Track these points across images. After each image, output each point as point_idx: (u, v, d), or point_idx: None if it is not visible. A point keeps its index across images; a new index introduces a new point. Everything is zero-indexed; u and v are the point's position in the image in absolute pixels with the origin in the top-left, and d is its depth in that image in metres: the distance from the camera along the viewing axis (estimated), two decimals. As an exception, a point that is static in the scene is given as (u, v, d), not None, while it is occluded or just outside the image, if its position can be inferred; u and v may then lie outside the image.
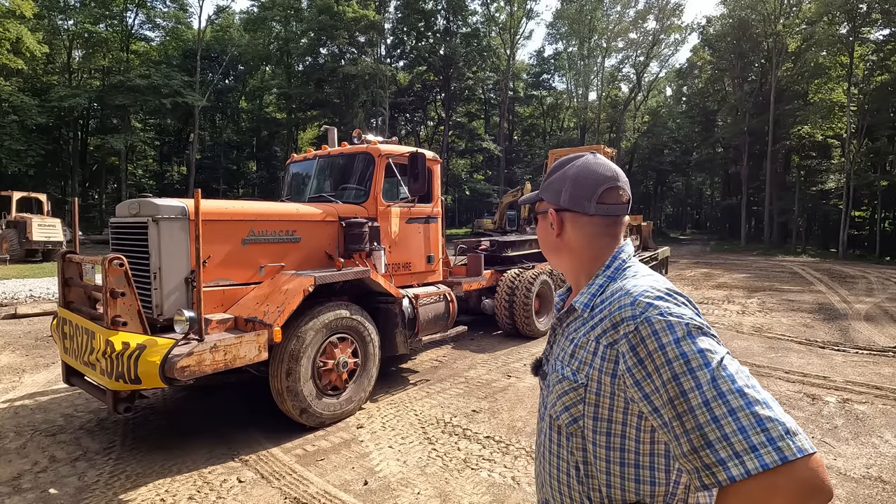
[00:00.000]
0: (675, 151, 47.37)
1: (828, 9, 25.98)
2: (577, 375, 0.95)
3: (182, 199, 3.92)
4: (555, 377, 1.01)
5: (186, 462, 3.52)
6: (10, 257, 16.71)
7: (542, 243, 1.15)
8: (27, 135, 26.91)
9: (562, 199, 1.05)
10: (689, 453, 0.75)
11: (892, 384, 5.18)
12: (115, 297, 3.27)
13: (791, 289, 12.66)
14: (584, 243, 1.05)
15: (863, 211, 32.74)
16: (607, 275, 1.02)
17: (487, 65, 40.94)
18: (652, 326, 0.82)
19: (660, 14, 41.30)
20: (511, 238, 8.56)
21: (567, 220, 1.06)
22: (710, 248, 32.43)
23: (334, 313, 4.14)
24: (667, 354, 0.79)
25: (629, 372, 0.84)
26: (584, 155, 1.08)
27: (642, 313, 0.84)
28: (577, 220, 1.05)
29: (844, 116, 26.98)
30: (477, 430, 4.09)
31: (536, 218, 1.15)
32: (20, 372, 5.60)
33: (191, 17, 38.08)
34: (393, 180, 5.28)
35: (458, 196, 42.23)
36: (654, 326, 0.82)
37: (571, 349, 0.99)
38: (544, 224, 1.11)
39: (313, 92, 35.72)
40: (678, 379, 0.77)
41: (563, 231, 1.07)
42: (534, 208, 1.08)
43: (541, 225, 1.13)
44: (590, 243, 1.05)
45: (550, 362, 1.08)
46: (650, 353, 0.81)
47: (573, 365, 0.97)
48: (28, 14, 25.15)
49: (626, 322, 0.86)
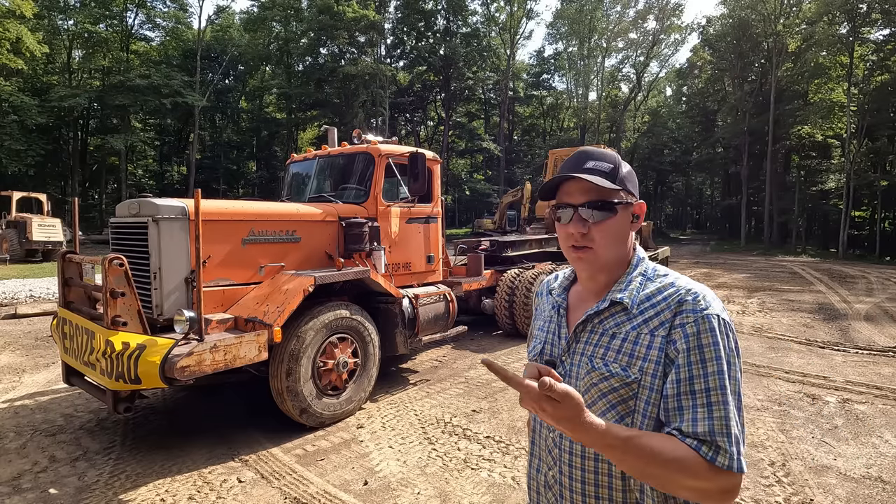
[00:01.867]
0: (675, 151, 47.35)
1: (828, 9, 25.97)
2: (628, 370, 0.96)
3: (182, 199, 3.93)
4: (596, 375, 0.99)
5: (186, 462, 3.52)
6: (10, 257, 16.70)
7: (614, 235, 1.04)
8: (27, 135, 26.89)
9: (637, 192, 1.08)
10: (688, 425, 0.89)
11: (892, 384, 5.18)
12: (115, 297, 3.27)
13: (791, 289, 12.66)
14: (630, 237, 1.09)
15: (863, 211, 32.72)
16: (641, 272, 1.06)
17: (487, 65, 40.89)
18: (711, 322, 0.93)
19: (660, 14, 41.31)
20: (511, 238, 8.56)
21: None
22: (710, 248, 32.42)
23: (334, 313, 4.14)
24: (716, 350, 0.91)
25: (682, 344, 0.93)
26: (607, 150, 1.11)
27: (704, 309, 0.94)
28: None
29: (844, 116, 26.98)
30: (477, 430, 4.09)
31: (580, 211, 1.04)
32: (20, 372, 5.60)
33: (191, 17, 38.18)
34: (393, 180, 5.27)
35: (458, 196, 42.22)
36: (712, 322, 0.93)
37: (619, 344, 0.99)
38: (624, 215, 1.04)
39: (313, 92, 35.70)
40: (716, 372, 0.90)
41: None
42: (593, 202, 1.02)
43: (620, 217, 1.03)
44: (630, 238, 1.09)
45: (576, 362, 1.04)
46: (701, 340, 0.92)
47: (621, 360, 0.97)
48: (28, 14, 25.13)
49: (686, 314, 0.95)
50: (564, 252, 1.10)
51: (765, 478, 3.31)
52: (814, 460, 3.56)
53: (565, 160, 1.12)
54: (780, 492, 3.13)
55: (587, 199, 1.02)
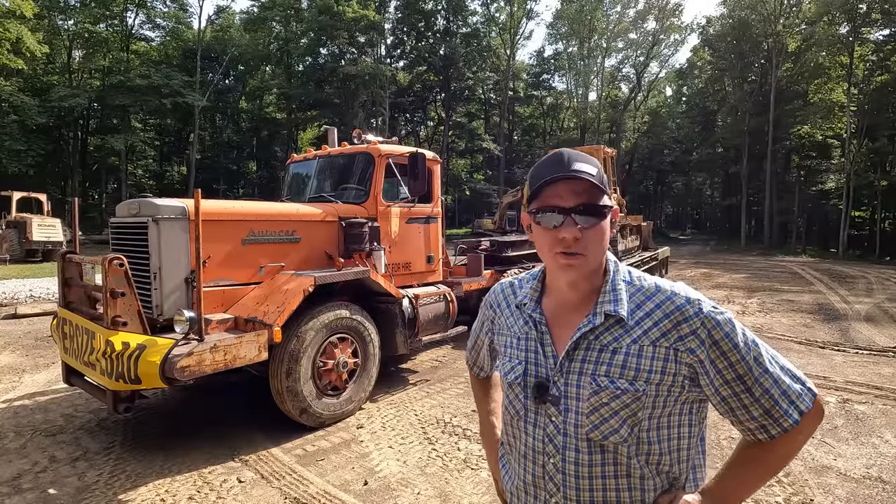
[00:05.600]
0: (675, 151, 47.38)
1: (828, 9, 26.00)
2: (636, 384, 0.95)
3: (182, 199, 3.92)
4: (605, 395, 0.96)
5: (186, 462, 3.52)
6: (10, 257, 16.69)
7: (604, 241, 1.00)
8: (27, 135, 26.88)
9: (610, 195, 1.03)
10: (761, 415, 0.95)
11: (892, 384, 5.18)
12: (115, 297, 3.27)
13: (791, 289, 12.66)
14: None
15: (863, 211, 32.75)
16: (622, 279, 1.04)
17: (487, 65, 40.87)
18: (714, 319, 0.95)
19: (660, 14, 41.32)
20: (511, 238, 8.55)
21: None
22: (710, 247, 32.42)
23: (334, 313, 4.14)
24: (732, 340, 0.95)
25: (707, 359, 0.95)
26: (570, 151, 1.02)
27: (700, 311, 0.96)
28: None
29: (844, 116, 27.00)
30: (477, 430, 4.08)
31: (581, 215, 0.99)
32: (20, 372, 5.59)
33: (191, 17, 37.95)
34: (393, 180, 5.27)
35: (458, 196, 42.20)
36: (716, 319, 0.95)
37: (622, 359, 0.97)
38: (604, 222, 0.99)
39: (313, 92, 35.66)
40: (745, 359, 0.95)
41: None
42: (588, 208, 0.97)
43: (602, 225, 0.99)
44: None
45: (572, 382, 0.99)
46: (716, 341, 0.95)
47: (627, 375, 0.96)
48: (28, 14, 25.14)
49: (690, 320, 0.96)
50: (549, 259, 1.01)
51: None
52: (814, 460, 3.56)
53: (541, 161, 1.04)
54: (781, 492, 3.13)
55: (580, 203, 0.96)
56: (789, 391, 0.95)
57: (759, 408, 0.95)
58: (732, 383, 0.94)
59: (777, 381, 0.95)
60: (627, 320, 0.98)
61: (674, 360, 0.95)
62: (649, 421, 0.96)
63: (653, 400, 0.95)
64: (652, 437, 0.97)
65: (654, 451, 0.97)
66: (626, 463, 0.97)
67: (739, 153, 34.49)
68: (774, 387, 0.95)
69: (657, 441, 0.97)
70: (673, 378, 0.95)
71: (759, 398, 0.95)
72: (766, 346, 0.99)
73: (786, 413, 0.94)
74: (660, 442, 0.97)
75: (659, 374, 0.95)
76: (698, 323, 0.95)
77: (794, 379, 0.97)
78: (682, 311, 0.96)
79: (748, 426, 0.98)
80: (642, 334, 0.97)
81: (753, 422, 0.96)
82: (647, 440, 0.96)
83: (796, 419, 0.95)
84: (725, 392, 0.95)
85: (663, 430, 0.98)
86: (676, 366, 0.95)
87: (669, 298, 0.98)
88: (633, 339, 0.97)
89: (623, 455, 0.96)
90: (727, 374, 0.94)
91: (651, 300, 1.00)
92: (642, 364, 0.95)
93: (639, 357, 0.96)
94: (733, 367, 0.94)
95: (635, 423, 0.95)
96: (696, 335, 0.95)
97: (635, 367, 0.95)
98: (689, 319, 0.95)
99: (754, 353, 0.96)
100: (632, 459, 0.96)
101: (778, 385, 0.95)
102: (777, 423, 0.95)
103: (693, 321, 0.95)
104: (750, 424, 0.97)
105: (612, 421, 0.96)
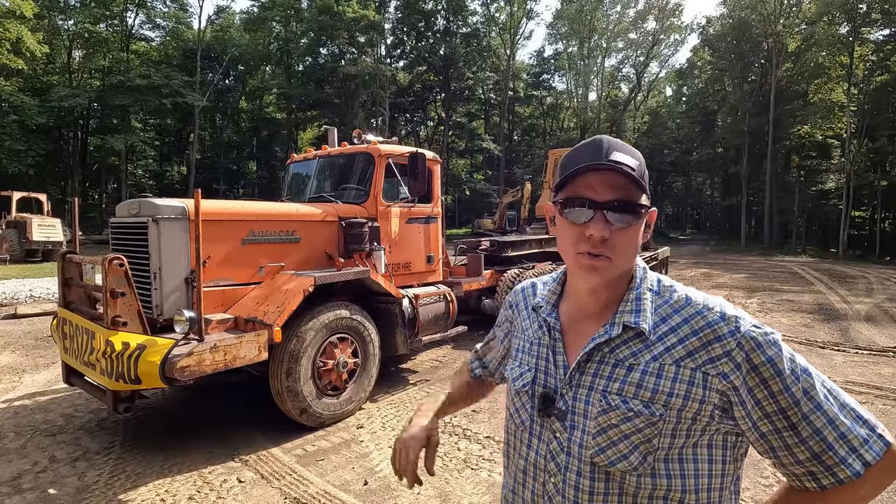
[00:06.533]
0: (675, 151, 47.38)
1: (828, 9, 26.01)
2: (652, 407, 0.83)
3: (182, 199, 3.92)
4: (616, 416, 0.84)
5: (186, 462, 3.52)
6: (10, 257, 16.69)
7: (635, 244, 0.89)
8: (27, 135, 26.86)
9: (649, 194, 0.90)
10: (808, 460, 0.80)
11: (892, 384, 5.18)
12: (115, 297, 3.27)
13: (791, 289, 12.67)
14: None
15: (863, 211, 32.78)
16: (648, 287, 0.92)
17: (487, 65, 40.92)
18: (754, 340, 0.82)
19: (660, 14, 41.36)
20: (511, 238, 8.56)
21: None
22: (710, 247, 32.43)
23: (334, 313, 4.14)
24: (776, 366, 0.80)
25: (744, 387, 0.81)
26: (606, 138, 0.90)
27: (737, 329, 0.83)
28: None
29: (844, 116, 27.02)
30: (477, 430, 4.09)
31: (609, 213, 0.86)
32: (20, 372, 5.59)
33: (191, 17, 38.02)
34: (393, 180, 5.27)
35: (458, 196, 42.22)
36: (756, 340, 0.82)
37: (638, 378, 0.85)
38: (639, 224, 0.88)
39: (313, 92, 35.72)
40: (790, 389, 0.80)
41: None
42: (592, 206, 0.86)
43: (636, 227, 0.88)
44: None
45: (581, 397, 0.89)
46: (755, 366, 0.81)
47: (643, 396, 0.84)
48: (28, 14, 25.15)
49: (723, 340, 0.82)
50: (571, 258, 0.90)
51: (765, 478, 3.31)
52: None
53: (578, 145, 0.91)
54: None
55: (615, 198, 0.84)
56: (849, 435, 0.79)
57: (807, 451, 0.80)
58: (774, 417, 0.80)
59: (833, 421, 0.79)
60: (649, 335, 0.86)
61: (701, 385, 0.82)
62: (668, 451, 0.83)
63: (673, 427, 0.82)
64: (672, 471, 0.83)
65: (675, 488, 0.83)
66: (632, 494, 0.84)
67: (739, 153, 34.51)
68: (828, 427, 0.79)
69: (679, 476, 0.83)
70: (700, 405, 0.82)
71: (805, 439, 0.79)
72: (822, 378, 0.83)
73: (842, 461, 0.78)
74: (683, 478, 0.83)
75: (681, 399, 0.82)
76: (733, 343, 0.81)
77: (860, 421, 0.80)
78: (715, 328, 0.83)
79: (793, 471, 0.83)
80: (664, 351, 0.85)
81: (799, 466, 0.81)
82: (666, 473, 0.83)
83: (857, 471, 0.78)
84: (765, 428, 0.81)
85: (687, 465, 0.83)
86: (705, 392, 0.82)
87: (700, 313, 0.86)
88: (653, 356, 0.85)
89: (631, 486, 0.84)
90: (767, 407, 0.80)
91: (679, 314, 0.87)
92: (661, 385, 0.83)
93: (658, 377, 0.84)
94: (775, 398, 0.79)
95: (649, 452, 0.83)
96: (730, 358, 0.81)
97: (653, 387, 0.83)
98: (723, 339, 0.82)
99: (804, 383, 0.80)
100: (641, 491, 0.83)
101: (834, 426, 0.79)
102: (830, 472, 0.79)
103: (727, 341, 0.82)
104: (795, 469, 0.82)
105: (620, 445, 0.84)
